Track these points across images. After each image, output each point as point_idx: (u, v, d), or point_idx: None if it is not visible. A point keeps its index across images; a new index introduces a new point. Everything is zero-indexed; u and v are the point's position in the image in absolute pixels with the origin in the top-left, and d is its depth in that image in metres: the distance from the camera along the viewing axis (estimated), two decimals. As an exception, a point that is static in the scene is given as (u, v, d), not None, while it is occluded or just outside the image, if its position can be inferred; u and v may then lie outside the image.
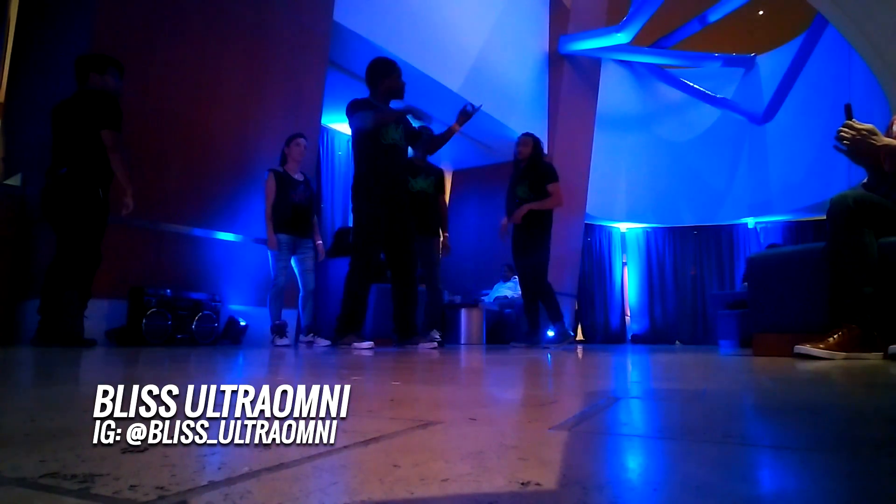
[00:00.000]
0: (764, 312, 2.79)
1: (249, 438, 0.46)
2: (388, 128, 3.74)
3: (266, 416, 0.47)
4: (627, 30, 8.46)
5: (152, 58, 4.03)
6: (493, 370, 1.82)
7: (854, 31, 4.95)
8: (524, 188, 4.61)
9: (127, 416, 0.45)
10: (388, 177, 3.72)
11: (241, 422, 0.47)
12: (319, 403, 0.48)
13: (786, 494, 0.39)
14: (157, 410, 0.46)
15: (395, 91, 3.84)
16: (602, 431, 0.63)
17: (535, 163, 4.65)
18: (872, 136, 2.27)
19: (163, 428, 0.45)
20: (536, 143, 4.72)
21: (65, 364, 1.74)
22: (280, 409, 0.48)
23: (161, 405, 0.46)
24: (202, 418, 0.46)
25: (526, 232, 4.61)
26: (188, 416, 0.46)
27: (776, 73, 10.21)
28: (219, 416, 0.47)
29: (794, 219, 10.84)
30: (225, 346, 3.94)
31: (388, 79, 3.82)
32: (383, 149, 3.71)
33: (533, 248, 4.62)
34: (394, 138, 3.76)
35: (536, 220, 4.61)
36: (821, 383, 1.28)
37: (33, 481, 0.37)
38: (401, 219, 3.81)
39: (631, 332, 11.58)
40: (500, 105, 7.61)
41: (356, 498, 0.35)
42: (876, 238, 2.25)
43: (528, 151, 4.65)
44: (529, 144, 4.67)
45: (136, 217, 3.80)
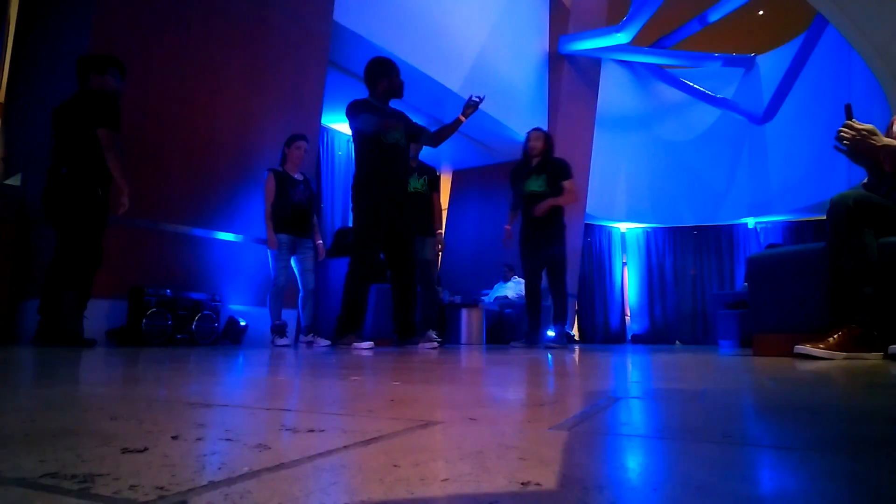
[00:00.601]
0: (764, 312, 2.79)
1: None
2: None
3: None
4: (627, 30, 8.46)
5: (152, 58, 4.03)
6: (493, 370, 1.82)
7: (854, 31, 4.95)
8: (540, 182, 4.53)
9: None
10: (388, 176, 3.72)
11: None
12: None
13: (786, 494, 0.39)
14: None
15: (393, 90, 3.84)
16: (602, 431, 0.63)
17: (549, 158, 4.60)
18: (872, 136, 2.27)
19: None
20: (549, 138, 4.69)
21: (65, 364, 1.74)
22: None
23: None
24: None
25: (545, 228, 4.53)
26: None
27: (776, 73, 10.21)
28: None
29: (794, 219, 10.84)
30: (225, 346, 3.94)
31: (387, 78, 3.82)
32: (385, 149, 3.71)
33: (556, 243, 4.56)
34: (395, 138, 3.75)
35: (556, 216, 4.57)
36: (821, 383, 1.28)
37: (33, 481, 0.37)
38: (401, 218, 3.82)
39: (631, 332, 11.58)
40: (501, 105, 7.61)
41: (356, 498, 0.35)
42: (876, 238, 2.25)
43: (541, 146, 4.60)
44: (542, 139, 4.63)
45: (136, 217, 3.80)
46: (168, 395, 0.95)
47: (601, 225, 11.59)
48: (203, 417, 0.68)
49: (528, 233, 4.62)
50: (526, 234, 4.64)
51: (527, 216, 4.60)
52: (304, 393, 1.04)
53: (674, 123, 11.46)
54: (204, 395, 0.97)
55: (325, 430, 0.58)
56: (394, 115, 3.84)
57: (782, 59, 10.22)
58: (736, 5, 9.56)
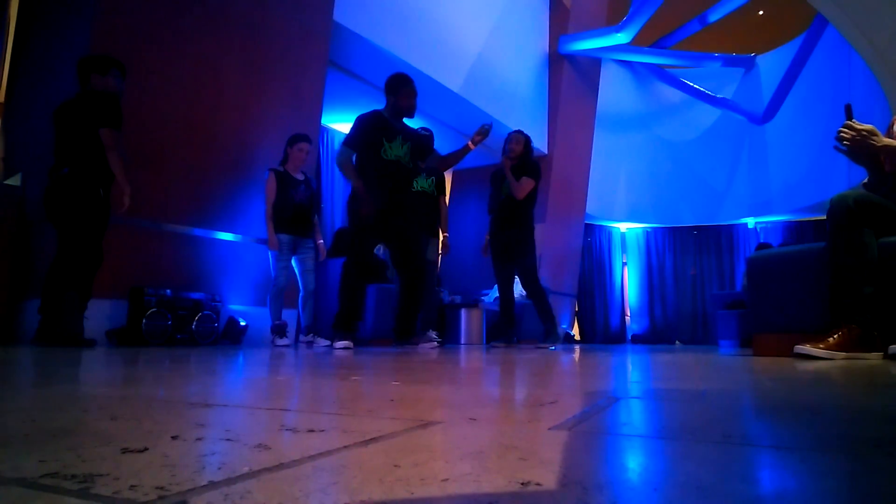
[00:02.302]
0: (764, 312, 2.79)
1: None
2: (392, 142, 3.67)
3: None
4: (627, 30, 8.46)
5: (152, 58, 4.03)
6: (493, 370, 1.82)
7: (855, 31, 4.94)
8: (510, 186, 4.53)
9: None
10: (384, 190, 3.65)
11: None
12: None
13: (786, 494, 0.39)
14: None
15: (400, 109, 3.77)
16: (602, 431, 0.63)
17: (524, 161, 4.58)
18: (872, 136, 2.27)
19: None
20: (528, 141, 4.67)
21: (65, 364, 1.74)
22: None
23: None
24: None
25: (512, 232, 4.53)
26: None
27: (776, 73, 10.21)
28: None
29: (794, 219, 10.84)
30: (225, 346, 3.94)
31: (394, 97, 3.78)
32: (383, 164, 3.65)
33: (522, 250, 4.54)
34: (397, 154, 3.69)
35: (523, 220, 4.53)
36: (821, 383, 1.28)
37: (33, 481, 0.37)
38: (406, 220, 3.78)
39: (631, 332, 11.58)
40: (500, 105, 7.61)
41: (356, 498, 0.35)
42: (876, 238, 2.25)
43: (520, 149, 4.58)
44: (522, 142, 4.61)
45: (137, 217, 3.80)
46: (168, 395, 0.95)
47: (601, 225, 11.59)
48: (203, 417, 0.68)
49: (496, 238, 4.64)
50: (495, 239, 4.65)
51: (496, 220, 4.62)
52: (304, 393, 1.04)
53: (674, 123, 11.46)
54: (204, 395, 0.97)
55: (325, 430, 0.58)
56: (402, 132, 3.77)
57: (782, 59, 10.22)
58: (736, 5, 9.56)
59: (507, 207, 4.58)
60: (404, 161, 3.75)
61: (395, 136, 3.70)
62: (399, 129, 3.77)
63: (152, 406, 0.78)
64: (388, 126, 3.72)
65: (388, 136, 3.68)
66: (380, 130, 3.68)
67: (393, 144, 3.69)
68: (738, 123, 10.87)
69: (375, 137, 3.65)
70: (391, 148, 3.68)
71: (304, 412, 0.73)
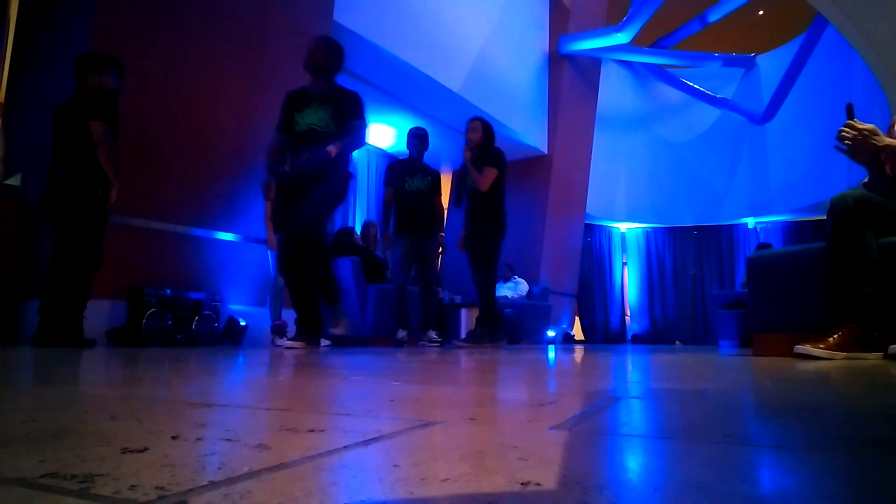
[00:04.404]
0: (764, 312, 2.79)
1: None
2: (304, 111, 3.38)
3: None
4: (627, 30, 8.46)
5: (152, 58, 4.03)
6: (493, 370, 1.82)
7: (854, 31, 4.94)
8: (472, 177, 4.29)
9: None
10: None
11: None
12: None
13: (786, 494, 0.39)
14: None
15: (308, 68, 3.47)
16: (602, 431, 0.63)
17: (485, 150, 4.31)
18: (873, 136, 2.27)
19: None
20: (487, 127, 4.38)
21: (65, 364, 1.74)
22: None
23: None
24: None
25: (483, 226, 4.26)
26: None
27: (776, 73, 10.21)
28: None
29: (794, 219, 10.84)
30: (225, 346, 3.94)
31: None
32: (296, 136, 3.38)
33: (483, 237, 4.26)
34: (309, 122, 3.38)
35: (493, 213, 4.27)
36: (821, 383, 1.28)
37: (33, 481, 0.37)
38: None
39: (631, 332, 11.58)
40: (500, 105, 7.60)
41: (356, 498, 0.35)
42: (876, 238, 2.25)
43: (478, 138, 4.31)
44: (479, 130, 4.33)
45: (137, 217, 3.80)
46: (168, 395, 0.95)
47: (601, 225, 11.59)
48: (203, 417, 0.68)
49: (468, 233, 4.37)
50: (468, 234, 4.38)
51: (466, 216, 4.40)
52: (304, 393, 1.04)
53: (674, 123, 11.46)
54: (204, 395, 0.97)
55: (325, 430, 0.58)
56: (320, 97, 3.42)
57: (782, 59, 10.22)
58: (736, 5, 9.57)
59: (474, 201, 4.32)
60: (320, 126, 3.36)
61: (309, 103, 3.39)
62: (317, 95, 3.41)
63: (152, 406, 0.78)
64: (298, 97, 3.44)
65: (297, 108, 3.41)
66: (290, 105, 3.44)
67: (305, 112, 3.38)
68: (738, 123, 10.87)
69: (287, 114, 3.44)
70: (302, 117, 3.39)
71: (304, 412, 0.73)
